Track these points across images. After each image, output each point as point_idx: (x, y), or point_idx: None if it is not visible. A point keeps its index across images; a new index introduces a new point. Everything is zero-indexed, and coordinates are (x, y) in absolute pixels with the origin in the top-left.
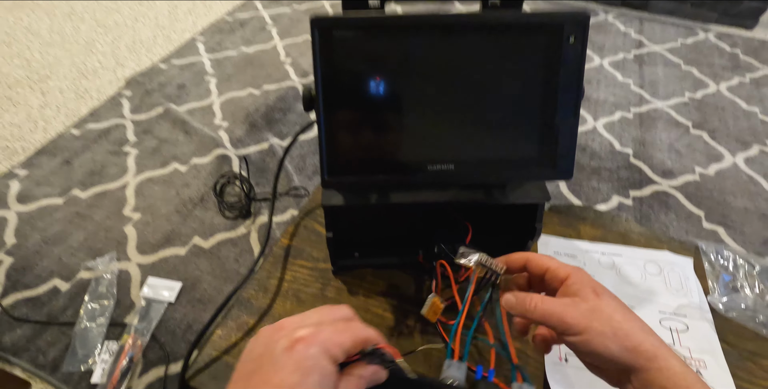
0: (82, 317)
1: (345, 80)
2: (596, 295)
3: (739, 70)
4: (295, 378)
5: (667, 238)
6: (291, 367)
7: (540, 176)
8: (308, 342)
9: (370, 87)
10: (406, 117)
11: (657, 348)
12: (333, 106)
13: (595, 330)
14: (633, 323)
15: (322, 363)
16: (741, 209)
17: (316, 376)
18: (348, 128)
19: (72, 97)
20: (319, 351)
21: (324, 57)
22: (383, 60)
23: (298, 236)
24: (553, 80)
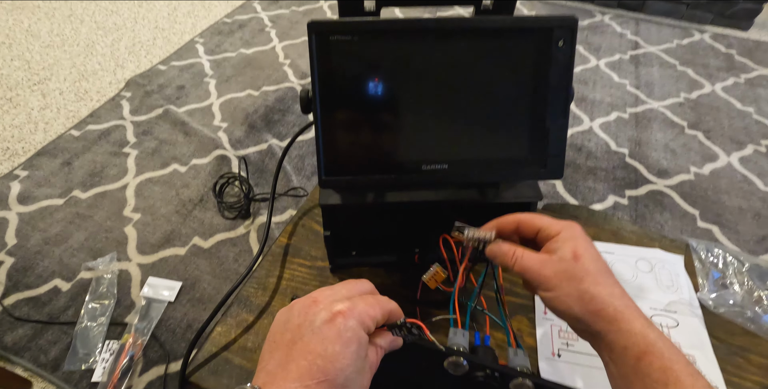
0: (83, 316)
1: (342, 83)
2: (574, 257)
3: (734, 71)
4: (337, 348)
5: (658, 236)
6: (333, 337)
7: (531, 176)
8: (346, 315)
9: (366, 89)
10: (401, 119)
11: (620, 312)
12: (330, 108)
13: (563, 290)
14: (601, 287)
15: (360, 334)
16: (735, 208)
17: (355, 346)
18: (344, 129)
19: (72, 98)
20: (356, 323)
21: (321, 60)
22: (379, 63)
23: (296, 235)
24: (542, 83)
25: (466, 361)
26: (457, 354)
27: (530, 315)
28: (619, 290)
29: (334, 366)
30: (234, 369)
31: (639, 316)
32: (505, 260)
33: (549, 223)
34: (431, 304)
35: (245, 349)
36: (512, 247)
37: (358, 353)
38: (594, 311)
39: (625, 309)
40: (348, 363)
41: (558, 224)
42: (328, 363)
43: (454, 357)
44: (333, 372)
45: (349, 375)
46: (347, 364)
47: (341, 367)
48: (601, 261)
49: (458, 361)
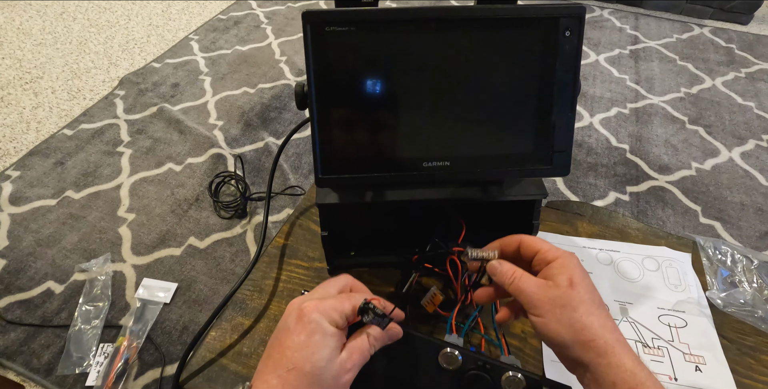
0: (77, 319)
1: (338, 77)
2: (570, 284)
3: (735, 65)
4: (302, 338)
5: (665, 234)
6: (299, 330)
7: (536, 173)
8: (310, 309)
9: (363, 83)
10: (400, 114)
11: (611, 345)
12: (326, 103)
13: (555, 317)
14: (594, 318)
15: (323, 325)
16: (737, 204)
17: (318, 335)
18: (342, 125)
19: (65, 97)
20: (319, 315)
21: (316, 53)
22: (377, 55)
23: (293, 236)
24: (549, 75)
25: (459, 354)
26: (451, 346)
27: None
28: (612, 324)
29: (300, 354)
30: (229, 376)
31: (629, 352)
32: (504, 279)
33: (548, 248)
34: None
35: (241, 354)
36: (513, 267)
37: (323, 342)
38: (584, 341)
39: (617, 343)
40: (313, 351)
41: (556, 251)
42: (294, 352)
43: (448, 348)
44: (300, 360)
45: (315, 362)
46: (312, 352)
47: (306, 355)
48: (596, 293)
49: (452, 353)
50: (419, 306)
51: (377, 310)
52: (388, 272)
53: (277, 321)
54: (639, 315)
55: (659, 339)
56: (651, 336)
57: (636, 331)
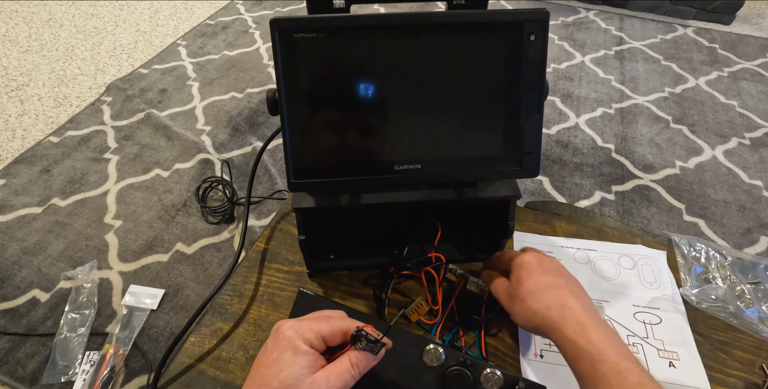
0: (62, 327)
1: (308, 82)
2: (518, 281)
3: (717, 65)
4: (273, 355)
5: (641, 232)
6: (272, 348)
7: (506, 175)
8: (285, 328)
9: (333, 88)
10: (371, 118)
11: (554, 321)
12: (297, 109)
13: (515, 312)
14: (539, 302)
15: (295, 343)
16: (720, 202)
17: (289, 353)
18: (312, 130)
19: (51, 104)
20: (293, 333)
21: (285, 59)
22: (346, 61)
23: (274, 240)
24: (516, 78)
25: (443, 352)
26: (434, 343)
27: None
28: (560, 301)
29: (269, 370)
30: (207, 381)
31: (573, 323)
32: (487, 285)
33: (512, 253)
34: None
35: (219, 359)
36: (493, 275)
37: (293, 359)
38: (537, 323)
39: (559, 318)
40: (282, 367)
41: (515, 253)
42: (266, 369)
43: (431, 345)
44: (269, 376)
45: (283, 379)
46: (281, 369)
47: (275, 372)
48: (546, 278)
49: (435, 350)
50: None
51: (370, 336)
52: (367, 274)
53: (257, 325)
54: (615, 312)
55: (634, 335)
56: (626, 333)
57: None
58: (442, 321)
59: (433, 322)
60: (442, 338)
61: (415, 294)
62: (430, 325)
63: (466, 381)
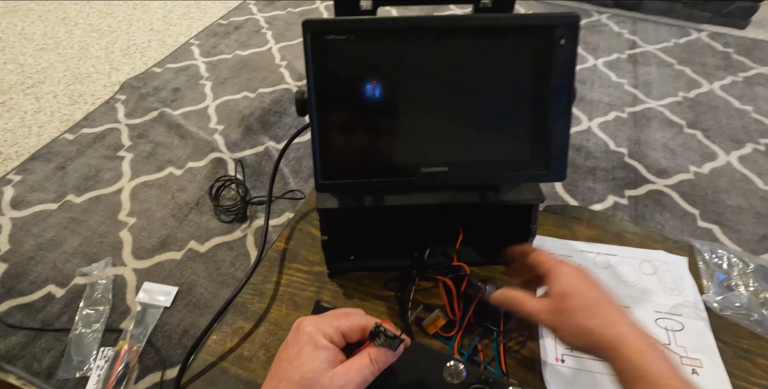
0: (77, 323)
1: (338, 84)
2: (562, 297)
3: (732, 70)
4: (295, 350)
5: (661, 237)
6: (292, 343)
7: (533, 178)
8: (306, 324)
9: (363, 90)
10: (399, 120)
11: (612, 341)
12: (326, 110)
13: (563, 330)
14: (593, 320)
15: (316, 338)
16: (735, 208)
17: (310, 348)
18: (341, 131)
19: (66, 102)
20: (313, 329)
21: (316, 60)
22: (376, 63)
23: (293, 240)
24: (544, 82)
25: (464, 369)
26: (455, 360)
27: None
28: (613, 318)
29: (291, 365)
30: (230, 379)
31: (632, 342)
32: (511, 306)
33: (545, 259)
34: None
35: (241, 358)
36: (515, 294)
37: (314, 354)
38: (592, 343)
39: (618, 337)
40: (303, 361)
41: (550, 262)
42: (287, 364)
43: (452, 361)
44: (290, 371)
45: (304, 373)
46: (302, 363)
47: (296, 366)
48: (594, 293)
49: (456, 366)
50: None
51: (388, 332)
52: (387, 276)
53: (277, 324)
54: (636, 318)
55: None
56: None
57: None
58: (459, 334)
59: (450, 334)
60: (461, 352)
61: (435, 297)
62: (447, 337)
63: None
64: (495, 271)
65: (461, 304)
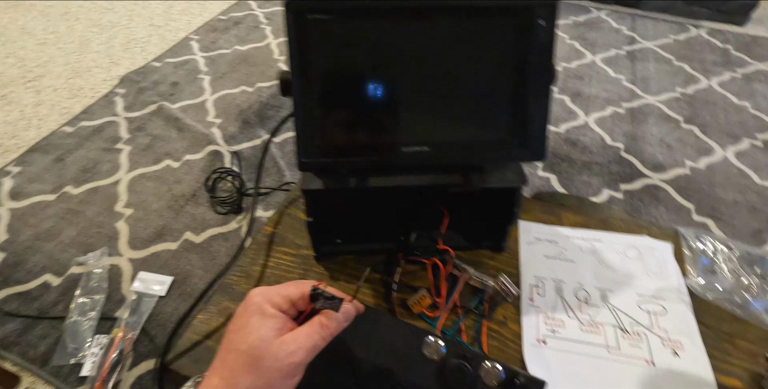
0: (73, 311)
1: (319, 63)
2: None
3: (730, 66)
4: (242, 320)
5: (647, 224)
6: (240, 314)
7: (513, 157)
8: (254, 294)
9: (344, 70)
10: (379, 100)
11: None
12: (308, 89)
13: None
14: None
15: (263, 307)
16: (731, 202)
17: (257, 316)
18: (323, 111)
19: (66, 95)
20: (261, 299)
21: (298, 40)
22: (357, 43)
23: (282, 224)
24: (524, 62)
25: (443, 345)
26: (434, 335)
27: (516, 301)
28: None
29: (237, 335)
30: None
31: None
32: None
33: None
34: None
35: None
36: None
37: (260, 323)
38: None
39: None
40: (249, 331)
41: None
42: (233, 334)
43: (431, 337)
44: (237, 341)
45: (251, 342)
46: (248, 332)
47: (242, 336)
48: None
49: (436, 343)
50: (406, 307)
51: (326, 294)
52: (374, 260)
53: None
54: (619, 301)
55: (638, 324)
56: (630, 322)
57: (615, 317)
58: (444, 315)
59: (435, 315)
60: (444, 332)
61: (420, 280)
62: (432, 318)
63: (466, 374)
64: (480, 255)
65: (446, 286)
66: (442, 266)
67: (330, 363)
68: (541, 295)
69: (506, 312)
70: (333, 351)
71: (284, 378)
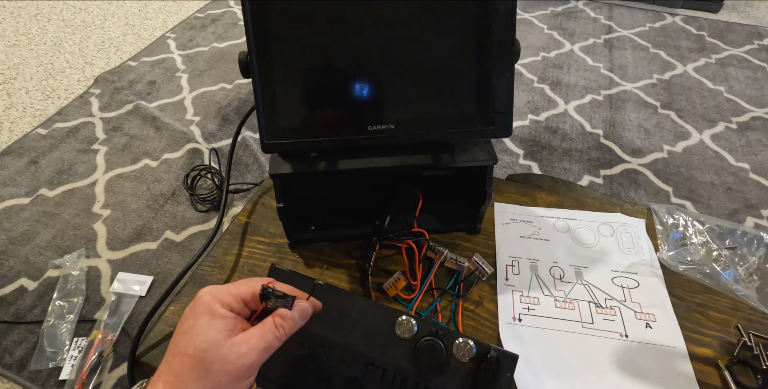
0: (50, 314)
1: (278, 43)
2: None
3: (705, 52)
4: (190, 322)
5: (620, 201)
6: (188, 315)
7: (479, 134)
8: (203, 293)
9: (304, 49)
10: (342, 78)
11: None
12: (267, 70)
13: None
14: None
15: (213, 307)
16: (707, 184)
17: (205, 318)
18: (284, 91)
19: (39, 97)
20: (210, 298)
21: (256, 20)
22: (317, 21)
23: (255, 214)
24: (486, 39)
25: (415, 324)
26: (406, 315)
27: (492, 281)
28: None
29: (185, 338)
30: None
31: None
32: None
33: None
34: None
35: None
36: None
37: (209, 324)
38: None
39: None
40: (197, 333)
41: None
42: (180, 336)
43: (404, 316)
44: (184, 343)
45: (198, 344)
46: (196, 334)
47: (190, 338)
48: None
49: (408, 321)
50: (381, 291)
51: (277, 292)
52: (349, 246)
53: None
54: (593, 277)
55: (612, 299)
56: (604, 297)
57: (590, 293)
58: (420, 297)
59: (411, 297)
60: (419, 313)
61: (396, 264)
62: (408, 300)
63: (438, 351)
64: (456, 237)
65: (421, 269)
66: (416, 249)
67: (304, 347)
68: (516, 274)
69: (482, 292)
70: (307, 335)
71: (235, 382)
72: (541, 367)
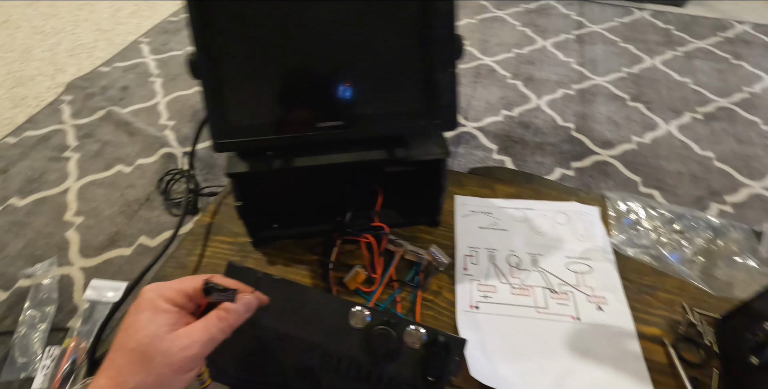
0: (21, 324)
1: (223, 43)
2: None
3: (672, 45)
4: (132, 318)
5: (575, 190)
6: (131, 311)
7: (425, 128)
8: (146, 290)
9: (249, 48)
10: (289, 77)
11: None
12: (215, 69)
13: None
14: None
15: (155, 302)
16: (674, 173)
17: (148, 313)
18: (232, 90)
19: (8, 105)
20: (153, 294)
21: (199, 19)
22: (262, 21)
23: (219, 214)
24: (427, 34)
25: (368, 314)
26: (360, 305)
27: (451, 272)
28: None
29: (126, 333)
30: None
31: None
32: None
33: None
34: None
35: None
36: None
37: (151, 319)
38: None
39: None
40: (138, 328)
41: None
42: (123, 333)
43: (357, 307)
44: (125, 339)
45: (139, 339)
46: (136, 330)
47: (131, 333)
48: None
49: (361, 312)
50: (343, 284)
51: (218, 286)
52: (312, 243)
53: None
54: (548, 264)
55: (565, 284)
56: (558, 282)
57: (545, 279)
58: (380, 289)
59: (371, 290)
60: (378, 305)
61: (358, 258)
62: (367, 293)
63: (390, 339)
64: (417, 230)
65: (382, 262)
66: (374, 243)
67: (260, 340)
68: (474, 264)
69: (441, 282)
70: (264, 328)
71: (177, 374)
72: (495, 352)
